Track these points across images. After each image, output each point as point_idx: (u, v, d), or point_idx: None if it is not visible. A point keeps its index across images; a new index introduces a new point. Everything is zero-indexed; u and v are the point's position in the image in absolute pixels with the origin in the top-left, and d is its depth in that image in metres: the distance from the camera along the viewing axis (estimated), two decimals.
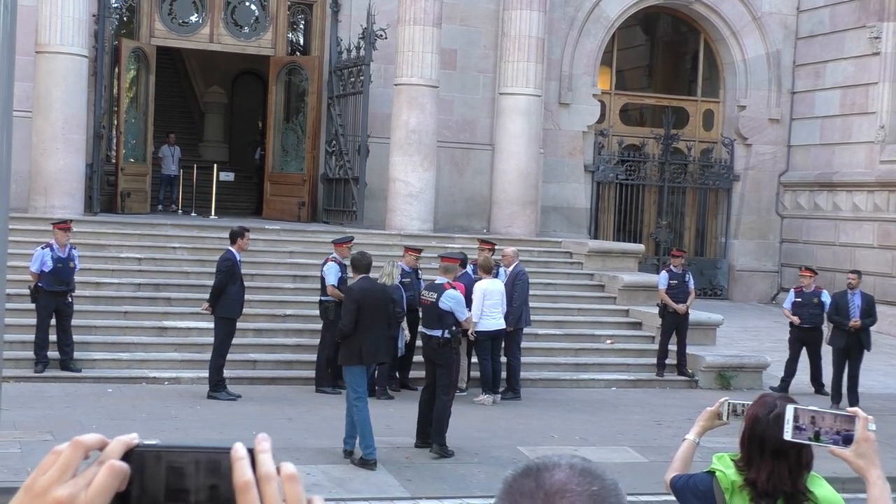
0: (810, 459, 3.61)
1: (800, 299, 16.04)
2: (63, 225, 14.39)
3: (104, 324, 15.27)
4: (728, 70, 25.27)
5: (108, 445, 1.21)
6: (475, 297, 14.04)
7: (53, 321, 14.00)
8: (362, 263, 11.38)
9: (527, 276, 15.24)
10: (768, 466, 3.60)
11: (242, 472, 1.17)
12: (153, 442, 1.23)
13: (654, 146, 25.00)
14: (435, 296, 11.84)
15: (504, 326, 14.36)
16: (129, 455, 1.20)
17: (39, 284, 13.85)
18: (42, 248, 14.04)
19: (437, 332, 11.64)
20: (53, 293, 13.89)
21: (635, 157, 24.88)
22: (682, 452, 4.12)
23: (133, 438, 1.22)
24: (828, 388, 15.78)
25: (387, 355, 11.96)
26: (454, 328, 11.63)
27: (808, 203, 24.74)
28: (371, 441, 10.65)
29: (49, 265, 13.88)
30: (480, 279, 14.39)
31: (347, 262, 14.33)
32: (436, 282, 12.25)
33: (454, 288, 11.91)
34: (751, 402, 3.75)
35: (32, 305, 13.97)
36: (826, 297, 16.02)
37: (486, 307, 14.10)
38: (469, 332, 13.90)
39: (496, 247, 16.43)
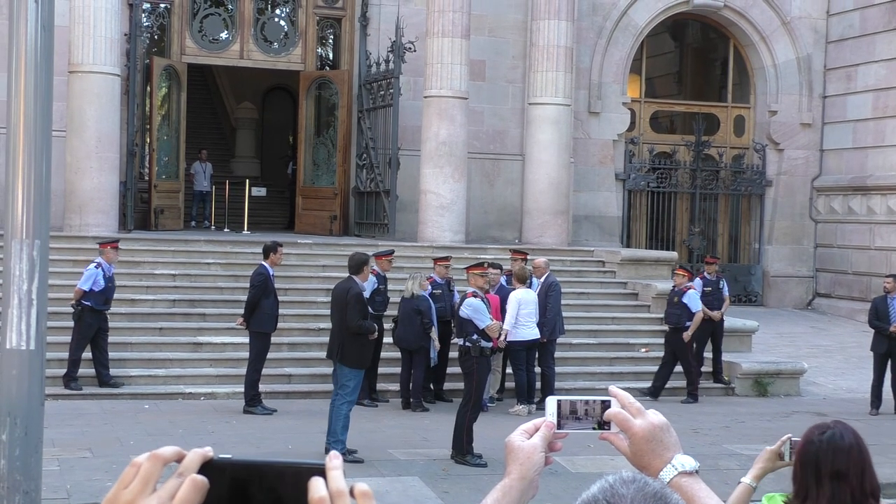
0: (876, 488, 3.16)
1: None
2: (114, 244, 14.56)
3: (140, 340, 15.33)
4: (758, 75, 25.14)
5: (185, 458, 1.22)
6: (510, 306, 14.10)
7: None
8: (349, 263, 11.69)
9: (559, 287, 15.22)
10: (826, 494, 3.12)
11: (317, 488, 1.19)
12: (227, 456, 1.24)
13: (685, 153, 24.89)
14: (458, 305, 12.13)
15: (538, 336, 14.38)
16: (205, 468, 1.21)
17: (86, 303, 13.90)
18: (95, 267, 14.07)
19: (460, 342, 11.87)
20: (99, 312, 13.99)
21: (666, 165, 24.78)
22: (737, 497, 3.57)
23: (208, 451, 1.24)
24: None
25: (352, 358, 11.45)
26: (475, 336, 11.67)
27: (841, 207, 24.55)
28: (340, 436, 10.97)
29: (101, 284, 13.97)
30: (514, 289, 14.44)
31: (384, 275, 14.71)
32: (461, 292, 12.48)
33: (476, 296, 11.94)
34: None
35: (70, 323, 14.02)
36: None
37: (521, 316, 14.15)
38: (500, 338, 13.87)
39: (528, 257, 16.40)
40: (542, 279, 15.17)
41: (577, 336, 16.82)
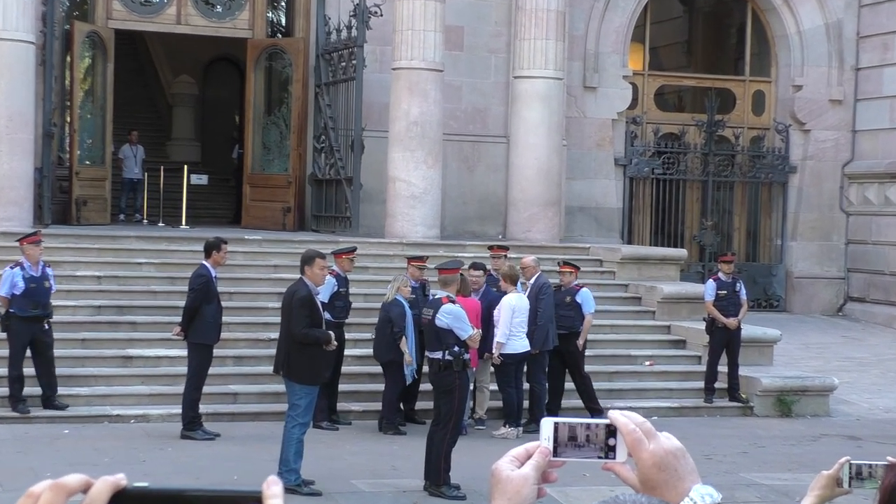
0: None
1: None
2: (32, 238, 14.29)
3: (59, 354, 14.98)
4: (780, 44, 25.21)
5: (92, 487, 1.20)
6: (503, 313, 14.18)
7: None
8: (300, 261, 11.77)
9: (551, 289, 15.25)
10: None
11: None
12: (143, 484, 1.21)
13: (696, 134, 24.95)
14: (432, 312, 11.99)
15: (529, 348, 14.47)
16: (116, 498, 1.19)
17: (11, 310, 13.77)
18: (11, 268, 13.90)
19: (438, 355, 11.80)
20: (27, 319, 13.79)
21: (674, 148, 24.83)
22: None
23: (121, 479, 1.21)
24: None
25: (300, 372, 11.44)
26: (456, 349, 11.69)
27: (877, 197, 24.65)
28: (293, 465, 11.00)
29: (21, 287, 13.76)
30: (504, 293, 14.49)
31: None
32: (434, 296, 12.40)
33: (453, 302, 11.95)
34: (882, 463, 3.15)
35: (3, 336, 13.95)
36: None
37: (513, 326, 14.24)
38: (494, 355, 14.16)
39: (507, 254, 16.38)
40: (532, 281, 15.19)
41: None
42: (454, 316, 11.84)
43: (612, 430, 1.89)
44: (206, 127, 32.12)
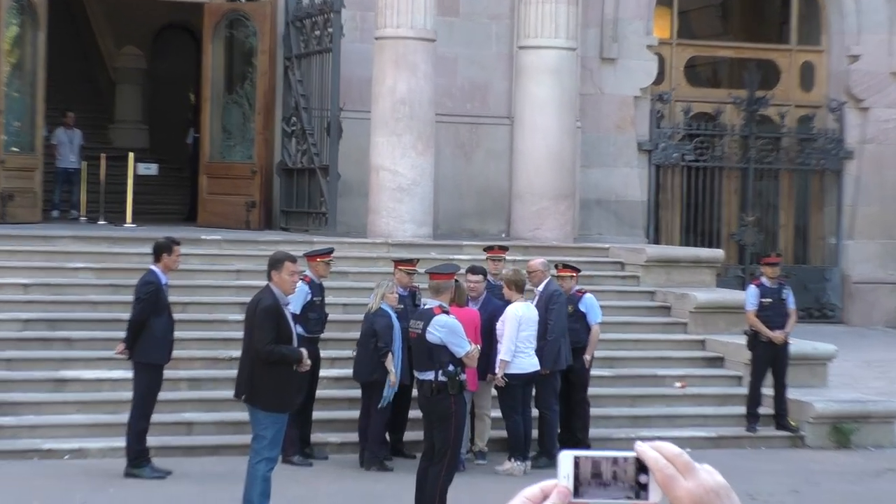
0: None
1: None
2: None
3: None
4: (832, 7, 25.14)
5: None
6: (508, 326, 14.10)
7: None
8: (267, 265, 11.74)
9: (564, 297, 15.14)
10: None
11: None
12: None
13: (734, 114, 24.89)
14: (422, 325, 11.88)
15: (539, 368, 14.37)
16: None
17: None
18: None
19: (430, 375, 11.72)
20: None
21: (708, 130, 24.75)
22: None
23: None
24: None
25: (265, 397, 11.36)
26: (451, 368, 11.60)
27: None
28: None
29: None
30: (508, 302, 14.37)
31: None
32: (424, 306, 12.37)
33: (447, 312, 11.87)
34: None
35: None
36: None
37: (520, 340, 14.14)
38: (497, 376, 14.08)
39: (506, 256, 16.31)
40: (540, 288, 15.11)
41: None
42: (449, 329, 11.74)
43: (643, 465, 1.88)
44: (156, 107, 32.05)
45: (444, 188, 21.24)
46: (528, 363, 14.29)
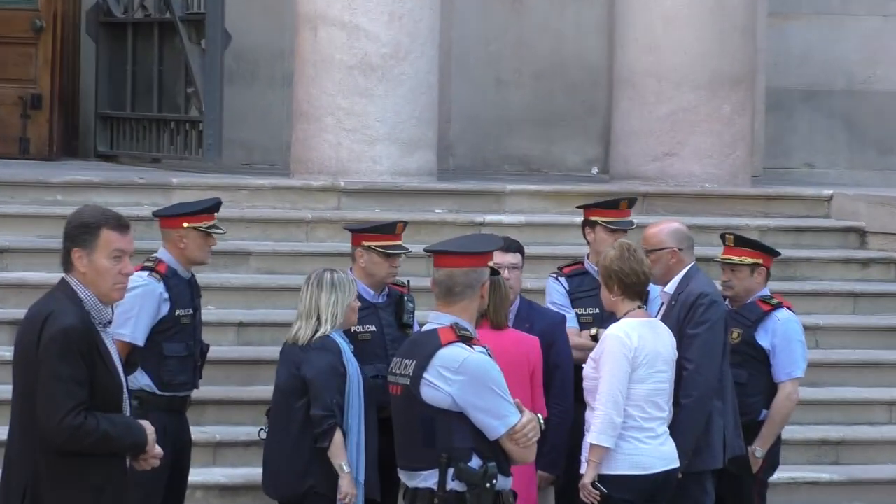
0: None
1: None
2: None
3: None
4: None
5: None
6: (609, 370, 9.55)
7: None
8: (63, 239, 7.76)
9: (724, 310, 9.90)
10: None
11: None
12: None
13: None
14: (412, 369, 7.91)
15: (673, 463, 9.35)
16: None
17: None
18: None
19: (429, 479, 7.76)
20: None
21: None
22: None
23: None
24: None
25: None
26: (476, 462, 7.59)
27: None
28: None
29: None
30: (611, 318, 9.86)
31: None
32: (420, 329, 8.84)
33: (468, 341, 7.66)
34: None
35: None
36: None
37: (635, 400, 9.52)
38: (584, 482, 9.29)
39: (618, 220, 10.74)
40: (672, 285, 9.82)
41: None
42: (472, 377, 7.73)
43: None
44: None
45: (465, 66, 15.30)
46: (654, 453, 9.18)
